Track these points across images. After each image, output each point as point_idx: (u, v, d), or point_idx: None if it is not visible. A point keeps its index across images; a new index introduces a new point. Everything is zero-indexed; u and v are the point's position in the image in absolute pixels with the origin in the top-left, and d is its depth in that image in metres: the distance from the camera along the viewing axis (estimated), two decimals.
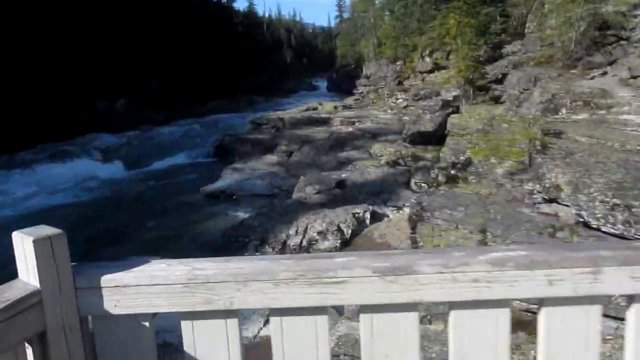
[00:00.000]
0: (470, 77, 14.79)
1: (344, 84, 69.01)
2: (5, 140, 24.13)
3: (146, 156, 20.53)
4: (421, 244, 5.96)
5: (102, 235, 10.88)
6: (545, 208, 5.70)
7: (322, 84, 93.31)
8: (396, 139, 15.41)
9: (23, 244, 1.20)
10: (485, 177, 8.07)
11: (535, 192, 6.01)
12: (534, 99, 8.91)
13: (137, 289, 1.22)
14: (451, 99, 16.28)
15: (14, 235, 1.24)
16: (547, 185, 5.66)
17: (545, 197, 5.76)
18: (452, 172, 10.79)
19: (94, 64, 32.45)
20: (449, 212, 6.24)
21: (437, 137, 13.96)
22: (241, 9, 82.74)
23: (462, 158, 10.75)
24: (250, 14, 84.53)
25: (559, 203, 5.62)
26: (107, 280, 1.22)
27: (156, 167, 18.78)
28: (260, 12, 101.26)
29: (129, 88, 35.29)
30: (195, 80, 44.78)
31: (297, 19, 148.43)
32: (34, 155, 21.35)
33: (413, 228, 6.48)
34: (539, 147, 6.51)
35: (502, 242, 5.13)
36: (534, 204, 5.93)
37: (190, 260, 1.36)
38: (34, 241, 1.17)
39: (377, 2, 52.69)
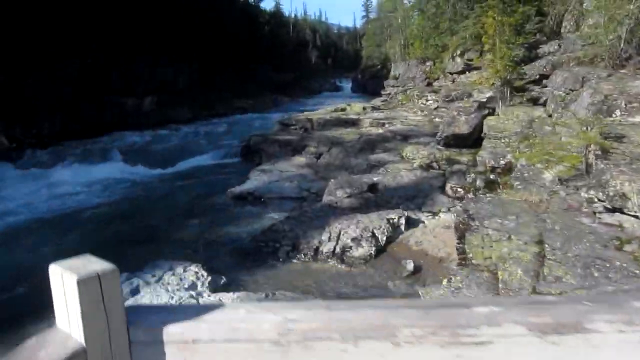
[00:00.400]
0: (508, 77, 14.31)
1: (369, 84, 68.79)
2: (34, 137, 24.40)
3: (172, 156, 20.43)
4: (470, 254, 5.57)
5: (125, 238, 10.66)
6: (608, 218, 5.28)
7: (347, 84, 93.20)
8: (428, 141, 14.99)
9: (63, 283, 0.87)
10: (532, 183, 7.63)
11: (596, 200, 5.59)
12: (582, 100, 8.45)
13: (212, 346, 0.88)
14: (485, 100, 15.81)
15: (52, 270, 0.92)
16: (610, 193, 5.23)
17: (608, 206, 5.34)
18: (492, 177, 10.36)
19: (123, 61, 32.63)
20: (500, 221, 5.85)
21: (472, 140, 13.53)
22: (268, 8, 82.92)
23: (502, 162, 10.31)
24: (276, 14, 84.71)
25: (624, 213, 5.19)
26: (172, 333, 0.88)
27: (182, 167, 18.65)
28: (286, 12, 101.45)
29: (157, 86, 35.43)
30: (221, 79, 44.86)
31: (323, 19, 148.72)
32: (60, 154, 21.42)
33: (460, 237, 6.10)
34: (598, 152, 6.08)
35: (563, 255, 4.71)
36: (594, 213, 5.51)
37: (278, 305, 1.00)
38: (78, 282, 0.85)
39: (405, 1, 52.24)
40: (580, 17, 19.18)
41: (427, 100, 22.17)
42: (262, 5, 76.72)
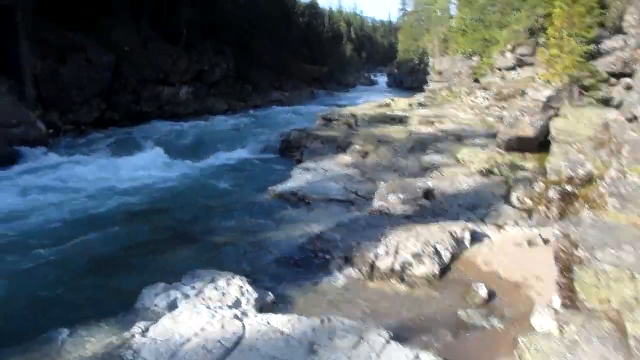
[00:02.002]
0: (576, 75, 13.01)
1: (405, 79, 67.38)
2: (71, 123, 24.06)
3: (208, 147, 19.73)
4: (581, 294, 4.50)
5: (161, 240, 9.87)
6: None
7: (381, 78, 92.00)
8: (485, 142, 13.84)
9: None
10: (632, 201, 6.50)
11: None
12: None
13: None
14: (543, 99, 14.51)
15: None
16: None
17: None
18: (568, 188, 9.18)
19: (160, 50, 32.15)
20: (614, 252, 4.78)
21: (537, 144, 12.32)
22: (303, 0, 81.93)
23: (580, 172, 9.12)
24: (311, 6, 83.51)
25: None
26: None
27: (219, 160, 17.89)
28: (321, 4, 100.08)
29: (193, 76, 34.93)
30: (257, 71, 44.13)
31: (358, 12, 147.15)
32: (96, 142, 20.98)
33: (563, 270, 5.05)
34: None
35: None
36: None
37: None
38: None
39: None
40: None
41: (476, 98, 20.91)
42: None
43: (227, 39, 38.83)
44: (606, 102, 13.08)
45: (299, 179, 13.08)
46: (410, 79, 64.47)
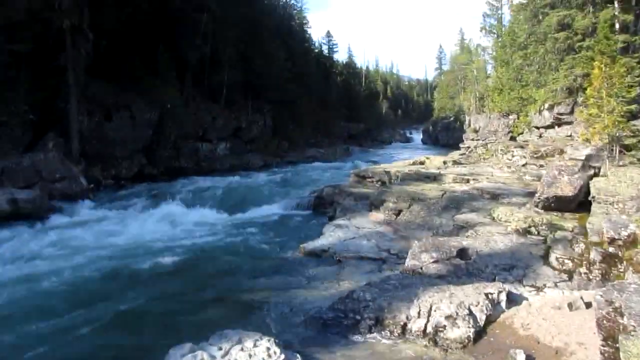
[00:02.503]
0: (617, 134, 12.74)
1: (441, 136, 67.51)
2: (112, 178, 24.80)
3: (242, 202, 19.94)
4: None
5: (189, 297, 9.84)
6: None
7: (417, 135, 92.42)
8: (522, 201, 13.51)
9: None
10: None
11: None
12: None
13: None
14: (582, 158, 14.20)
15: None
16: None
17: None
18: (611, 249, 8.79)
19: (200, 107, 33.22)
20: None
21: (576, 204, 11.95)
22: (341, 60, 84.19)
23: (624, 233, 8.75)
24: (349, 65, 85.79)
25: None
26: None
27: (251, 215, 18.02)
28: (359, 64, 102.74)
29: (231, 133, 35.82)
30: (294, 127, 45.02)
31: (394, 70, 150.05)
32: (133, 196, 21.45)
33: (607, 339, 4.75)
34: None
35: None
36: None
37: None
38: None
39: (482, 54, 51.21)
40: None
41: (512, 156, 20.65)
42: (336, 56, 77.68)
43: (266, 97, 39.97)
44: None
45: (330, 236, 12.97)
46: (446, 136, 64.60)
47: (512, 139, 25.95)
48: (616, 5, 20.51)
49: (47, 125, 22.54)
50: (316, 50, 68.81)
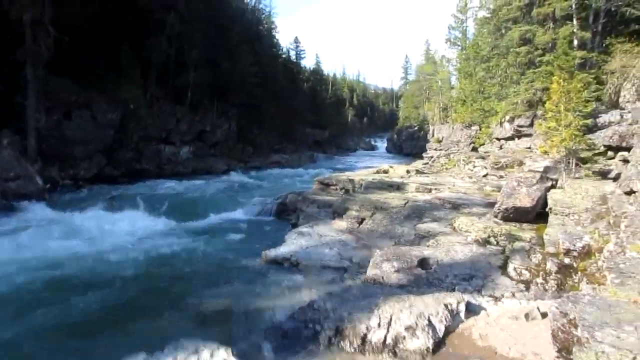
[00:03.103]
0: (574, 147, 13.09)
1: (405, 145, 68.37)
2: (69, 178, 24.08)
3: (203, 207, 19.62)
4: None
5: (145, 305, 9.58)
6: None
7: (381, 144, 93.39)
8: (482, 212, 13.70)
9: None
10: (632, 277, 6.30)
11: None
12: None
13: None
14: (542, 170, 14.52)
15: None
16: None
17: None
18: (566, 260, 8.98)
19: (164, 109, 32.69)
20: (614, 332, 4.54)
21: (534, 215, 12.19)
22: (309, 66, 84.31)
23: (579, 245, 8.94)
24: (316, 71, 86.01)
25: None
26: None
27: (212, 221, 17.76)
28: (326, 71, 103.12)
29: (194, 136, 35.40)
30: (259, 132, 44.78)
31: (361, 79, 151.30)
32: (91, 198, 20.87)
33: (562, 350, 4.80)
34: None
35: None
36: None
37: None
38: None
39: (446, 66, 52.09)
40: None
41: (474, 166, 21.02)
42: (303, 62, 77.77)
43: (232, 100, 39.63)
44: (604, 175, 13.09)
45: (293, 243, 12.86)
46: (410, 145, 65.43)
47: (474, 149, 26.40)
48: (575, 22, 21.21)
49: (2, 121, 21.72)
50: (284, 56, 68.79)
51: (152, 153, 30.52)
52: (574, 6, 20.98)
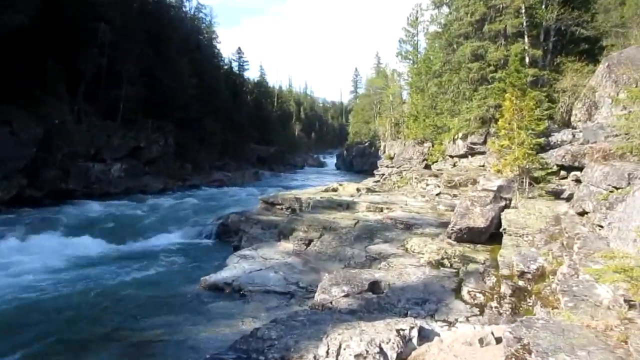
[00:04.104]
0: (527, 166, 13.61)
1: (356, 162, 69.17)
2: None
3: (137, 231, 19.21)
4: None
5: (74, 334, 9.25)
6: None
7: (331, 160, 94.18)
8: (435, 232, 14.00)
9: None
10: (585, 300, 6.57)
11: None
12: (636, 201, 7.62)
13: None
14: (495, 189, 15.02)
15: None
16: None
17: None
18: (520, 283, 9.27)
19: (92, 124, 31.83)
20: (568, 357, 4.73)
21: (488, 235, 12.57)
22: (253, 78, 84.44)
23: (532, 267, 9.26)
24: (261, 83, 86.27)
25: None
26: None
27: (147, 245, 17.38)
28: (271, 83, 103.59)
29: (127, 153, 34.58)
30: (199, 148, 44.28)
31: (308, 91, 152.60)
32: (10, 223, 19.93)
33: None
34: None
35: None
36: None
37: None
38: None
39: (397, 80, 53.29)
40: (592, 106, 19.00)
41: (427, 185, 21.47)
42: (247, 74, 77.88)
43: (170, 115, 39.07)
44: (557, 195, 13.65)
45: (235, 267, 12.74)
46: (361, 161, 66.24)
47: (427, 167, 26.99)
48: (526, 40, 22.22)
49: None
50: (226, 67, 68.61)
51: (80, 171, 29.56)
52: (524, 23, 21.98)
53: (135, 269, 14.10)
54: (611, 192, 9.01)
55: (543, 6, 21.95)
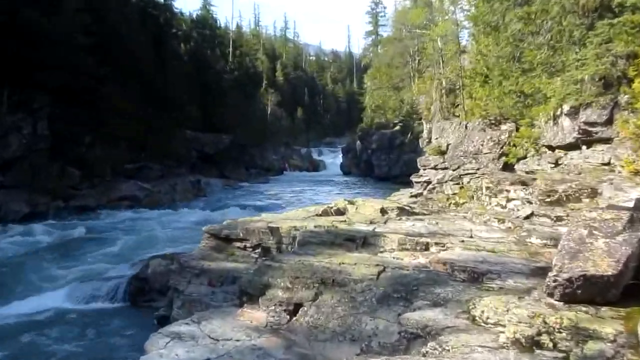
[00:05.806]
0: None
1: (377, 160, 69.29)
2: None
3: None
4: None
5: None
6: None
7: (333, 157, 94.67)
8: (524, 286, 13.98)
9: None
10: None
11: None
12: None
13: None
14: (630, 205, 15.08)
15: None
16: None
17: None
18: None
19: None
20: None
21: (621, 289, 12.56)
22: (191, 12, 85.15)
23: None
24: (204, 21, 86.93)
25: None
26: None
27: (9, 315, 17.45)
28: (223, 21, 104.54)
29: None
30: (95, 142, 44.32)
31: (291, 35, 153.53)
32: None
33: None
34: None
35: None
36: None
37: None
38: None
39: (452, 11, 53.15)
40: None
41: (508, 200, 21.56)
42: (180, 4, 78.47)
43: (42, 80, 39.11)
44: None
45: (161, 358, 12.72)
46: (387, 159, 66.46)
47: (507, 167, 27.11)
48: None
49: None
50: None
51: None
52: None
53: None
54: None
55: None
